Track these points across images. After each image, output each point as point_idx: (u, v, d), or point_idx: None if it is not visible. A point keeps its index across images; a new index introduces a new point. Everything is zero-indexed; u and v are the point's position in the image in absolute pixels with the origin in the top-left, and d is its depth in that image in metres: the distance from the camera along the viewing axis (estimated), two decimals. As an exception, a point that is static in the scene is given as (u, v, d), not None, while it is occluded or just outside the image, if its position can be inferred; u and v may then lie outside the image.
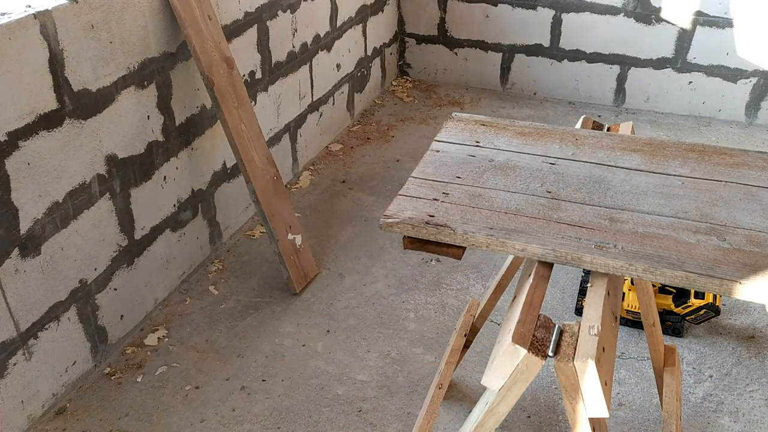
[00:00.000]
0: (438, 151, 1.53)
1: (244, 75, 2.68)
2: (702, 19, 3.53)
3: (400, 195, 1.37)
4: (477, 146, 1.54)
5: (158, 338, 2.33)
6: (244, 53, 2.66)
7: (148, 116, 2.22)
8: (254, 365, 2.23)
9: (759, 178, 1.40)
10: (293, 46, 3.02)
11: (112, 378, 2.18)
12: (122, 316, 2.27)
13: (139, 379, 2.18)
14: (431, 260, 2.71)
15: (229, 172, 2.72)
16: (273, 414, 2.06)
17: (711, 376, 2.18)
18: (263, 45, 2.78)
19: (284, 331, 2.37)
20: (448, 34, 4.07)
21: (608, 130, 1.68)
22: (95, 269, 2.12)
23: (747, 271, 1.14)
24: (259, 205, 2.40)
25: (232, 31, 2.56)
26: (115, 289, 2.22)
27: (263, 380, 2.18)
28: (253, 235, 2.86)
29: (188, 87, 2.38)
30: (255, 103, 2.80)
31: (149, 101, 2.21)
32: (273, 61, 2.88)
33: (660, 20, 3.61)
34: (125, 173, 2.17)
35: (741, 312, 2.42)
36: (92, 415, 2.05)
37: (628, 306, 2.30)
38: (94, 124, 2.01)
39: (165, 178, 2.35)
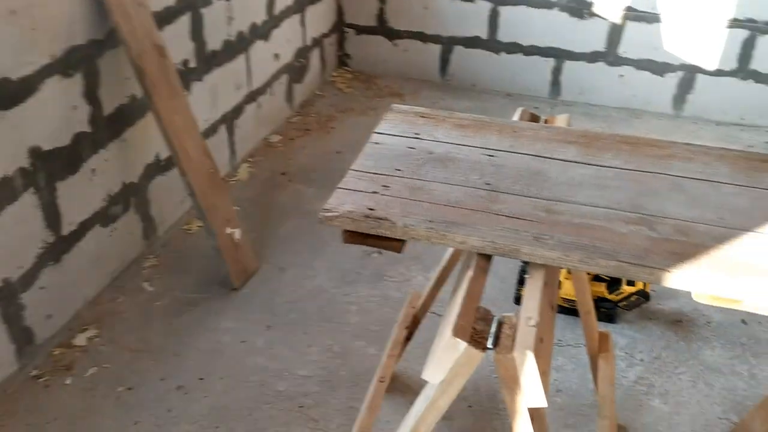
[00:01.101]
0: (377, 144, 1.51)
1: (177, 64, 2.60)
2: (632, 14, 3.63)
3: (339, 188, 1.36)
4: (416, 138, 1.53)
5: (88, 338, 2.25)
6: (177, 41, 2.58)
7: (75, 106, 2.13)
8: (191, 364, 2.18)
9: (685, 168, 1.45)
10: (229, 35, 2.95)
11: (39, 381, 2.08)
12: (50, 315, 2.18)
13: (68, 382, 2.09)
14: (373, 253, 2.70)
15: (162, 165, 2.64)
16: (211, 413, 2.01)
17: (642, 360, 2.25)
18: (197, 33, 2.70)
19: (223, 328, 2.32)
20: (388, 24, 4.06)
21: (545, 122, 1.70)
22: (20, 267, 2.02)
23: (675, 259, 1.18)
24: (195, 199, 2.34)
25: (164, 18, 2.47)
26: (42, 288, 2.12)
27: (201, 379, 2.12)
28: (190, 230, 2.79)
29: (117, 76, 2.29)
30: (189, 93, 2.72)
31: (75, 90, 2.12)
32: (208, 50, 2.80)
33: (592, 15, 3.69)
34: (51, 166, 2.07)
35: (669, 297, 2.51)
36: (18, 420, 1.96)
37: (565, 294, 2.35)
38: (15, 115, 1.90)
39: (94, 170, 2.26)
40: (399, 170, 1.41)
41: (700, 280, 1.14)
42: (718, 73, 3.64)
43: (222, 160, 3.07)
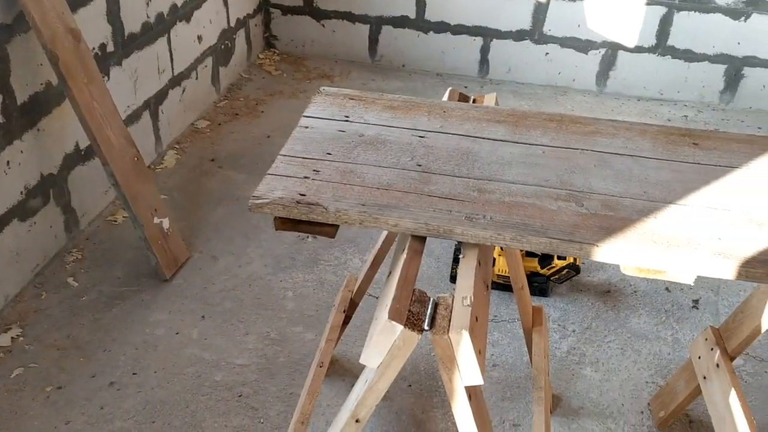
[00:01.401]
0: (307, 127, 1.49)
1: (93, 48, 2.48)
2: (556, -8, 3.70)
3: (269, 174, 1.33)
4: (346, 121, 1.51)
5: (12, 338, 2.14)
6: (93, 24, 2.46)
7: (-17, 95, 2.00)
8: (123, 359, 2.11)
9: (610, 144, 1.49)
10: (148, 17, 2.83)
11: (-40, 386, 1.98)
12: (-33, 317, 2.06)
13: (-9, 385, 1.99)
14: (307, 237, 2.67)
15: (83, 154, 2.52)
16: (146, 408, 1.96)
17: (574, 331, 2.33)
18: (114, 15, 2.58)
19: (155, 320, 2.25)
20: (315, 4, 3.99)
21: (474, 101, 1.71)
22: (-70, 268, 1.90)
23: (603, 234, 1.21)
24: (119, 188, 2.25)
25: (78, 0, 2.35)
26: (-43, 289, 2.00)
27: (134, 374, 2.06)
28: (115, 221, 2.69)
29: (29, 62, 2.16)
30: (108, 78, 2.60)
31: (-17, 78, 1.99)
32: (126, 33, 2.69)
33: (518, -7, 3.74)
34: (-41, 160, 1.95)
35: (598, 269, 2.60)
36: (-63, 429, 1.85)
37: (499, 270, 2.40)
38: None
39: (8, 163, 2.14)
40: (329, 154, 1.39)
41: (627, 254, 1.18)
42: (638, 49, 3.77)
43: (147, 148, 2.97)
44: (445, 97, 1.68)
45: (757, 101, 3.80)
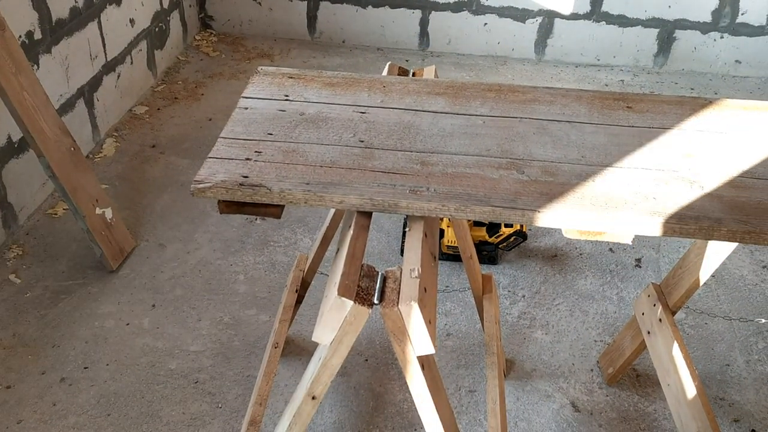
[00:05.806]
0: (246, 108, 1.47)
1: (20, 36, 2.38)
2: (492, -38, 3.71)
3: (210, 158, 1.31)
4: (286, 100, 1.50)
5: (-47, 341, 2.07)
6: (17, 11, 2.36)
7: None
8: (73, 353, 2.06)
9: (548, 112, 1.52)
10: (76, 1, 2.72)
11: None
12: None
13: (-65, 390, 1.93)
14: (256, 219, 2.65)
15: (17, 147, 2.43)
16: (100, 402, 1.93)
17: (524, 296, 2.38)
18: (40, 1, 2.48)
19: (104, 312, 2.21)
20: (250, -18, 3.91)
21: (413, 75, 1.72)
22: None
23: (544, 200, 1.24)
24: (56, 180, 2.18)
25: (-2, -15, 2.25)
26: None
27: (85, 368, 2.02)
28: (56, 214, 2.61)
29: (-50, 53, 2.06)
30: (37, 67, 2.51)
31: None
32: (54, 19, 2.58)
33: (454, -36, 3.74)
34: None
35: (544, 234, 2.66)
36: None
37: (448, 241, 2.43)
38: None
39: (-65, 160, 2.05)
40: (271, 134, 1.38)
41: (567, 218, 1.21)
42: (574, 16, 3.83)
43: (84, 137, 2.88)
44: (385, 72, 1.67)
45: (689, 63, 3.92)
